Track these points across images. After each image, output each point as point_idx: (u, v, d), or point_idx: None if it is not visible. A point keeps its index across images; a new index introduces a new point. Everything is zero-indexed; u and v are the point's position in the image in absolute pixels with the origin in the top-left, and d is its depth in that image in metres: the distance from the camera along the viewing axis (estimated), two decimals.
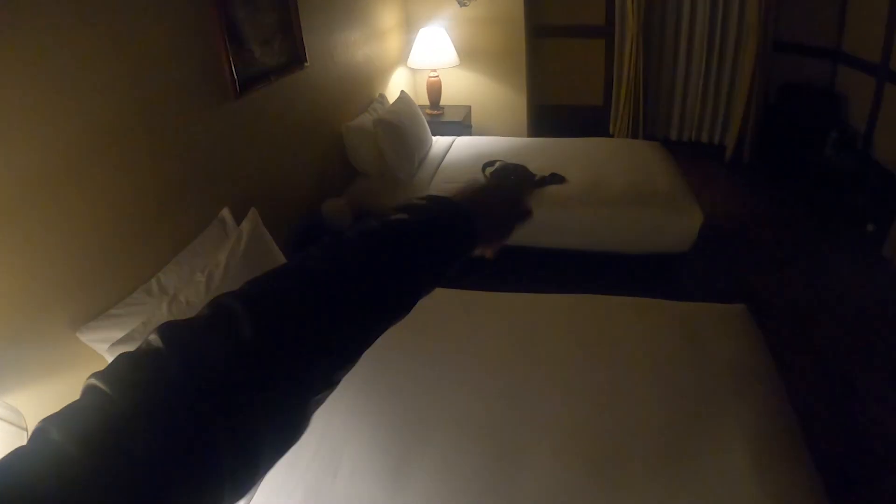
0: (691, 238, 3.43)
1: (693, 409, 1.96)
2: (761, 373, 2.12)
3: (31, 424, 1.66)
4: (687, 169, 5.47)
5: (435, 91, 5.13)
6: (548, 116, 6.11)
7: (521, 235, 3.08)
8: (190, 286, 1.97)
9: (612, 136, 6.01)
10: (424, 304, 2.27)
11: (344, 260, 0.67)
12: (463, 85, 5.53)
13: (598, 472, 1.75)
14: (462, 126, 5.04)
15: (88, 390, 0.48)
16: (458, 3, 5.29)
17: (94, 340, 1.83)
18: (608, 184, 3.68)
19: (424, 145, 4.25)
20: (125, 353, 0.52)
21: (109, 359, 1.76)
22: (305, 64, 3.27)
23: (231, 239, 2.19)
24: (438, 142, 4.55)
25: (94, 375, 0.49)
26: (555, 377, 2.12)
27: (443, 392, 2.06)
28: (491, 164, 3.81)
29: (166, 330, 0.53)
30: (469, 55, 5.39)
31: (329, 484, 1.76)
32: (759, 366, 2.16)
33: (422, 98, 5.35)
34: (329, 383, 0.60)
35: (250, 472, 0.50)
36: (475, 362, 2.20)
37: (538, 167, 3.85)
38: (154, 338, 0.52)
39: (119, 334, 1.79)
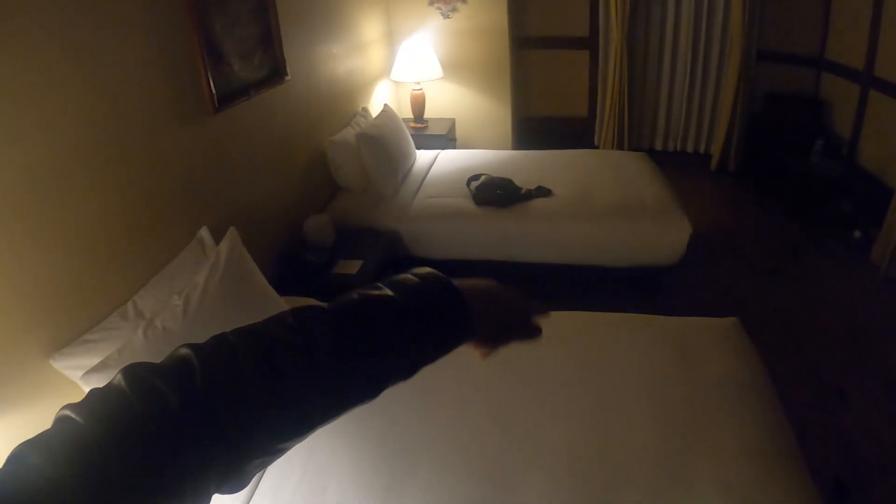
0: (680, 251, 3.43)
1: (689, 427, 1.93)
2: (756, 387, 2.10)
3: (3, 452, 1.60)
4: (673, 179, 5.50)
5: (419, 104, 5.11)
6: (533, 128, 6.12)
7: (507, 251, 3.05)
8: (167, 310, 1.92)
9: (597, 147, 6.04)
10: None
11: (313, 334, 0.64)
12: (447, 97, 5.52)
13: (594, 497, 1.72)
14: (446, 139, 5.02)
15: (61, 419, 0.53)
16: (442, 14, 5.29)
17: (67, 367, 1.77)
18: (595, 197, 3.67)
19: (408, 159, 4.22)
20: (96, 388, 0.56)
21: (84, 386, 1.71)
22: (286, 78, 3.23)
23: (209, 260, 2.14)
24: (422, 156, 4.53)
25: (67, 407, 0.54)
26: (545, 398, 2.09)
27: (430, 414, 2.03)
28: (476, 177, 3.79)
29: (129, 373, 0.56)
30: (453, 67, 5.38)
31: None
32: (754, 380, 2.14)
33: (406, 111, 5.33)
34: (271, 452, 0.61)
35: (202, 498, 0.54)
36: (463, 383, 2.15)
37: (524, 180, 3.83)
38: (119, 378, 0.56)
39: (93, 361, 1.73)
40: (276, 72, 3.16)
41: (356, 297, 0.69)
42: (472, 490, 1.75)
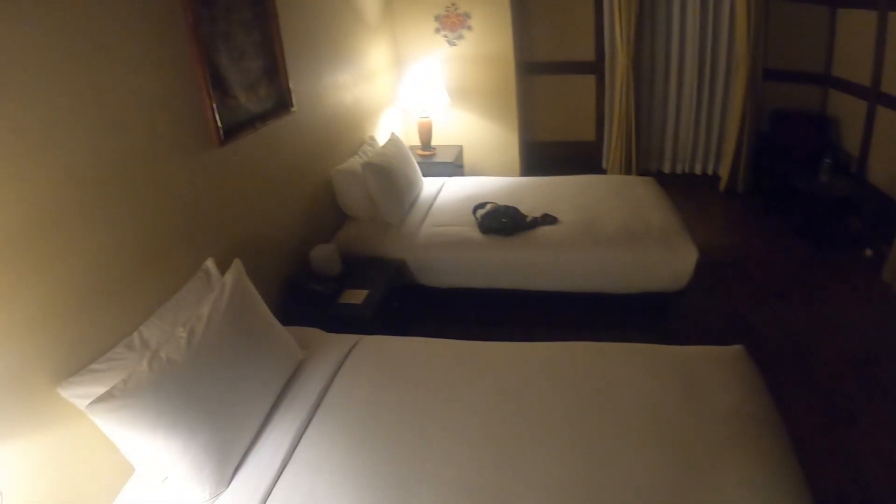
0: (686, 275, 3.44)
1: (693, 461, 1.92)
2: (761, 418, 2.09)
3: (9, 480, 1.66)
4: (682, 201, 5.52)
5: (426, 132, 5.20)
6: (541, 153, 6.22)
7: (513, 279, 3.11)
8: (171, 341, 1.97)
9: (605, 171, 6.12)
10: (413, 355, 2.28)
11: None
12: (454, 124, 5.63)
13: None
14: (453, 166, 5.10)
15: None
16: (448, 42, 5.41)
17: (74, 396, 1.83)
18: (601, 223, 3.71)
19: (415, 188, 4.29)
20: None
21: (90, 415, 1.76)
22: (292, 109, 3.32)
23: (214, 291, 2.20)
24: (430, 183, 4.60)
25: None
26: (545, 430, 2.09)
27: (430, 446, 2.04)
28: (482, 206, 3.85)
29: None
30: (460, 94, 5.49)
31: None
32: (760, 410, 2.13)
33: (414, 138, 5.42)
34: None
35: None
36: (463, 415, 2.18)
37: (530, 207, 3.89)
38: None
39: (99, 390, 1.79)
40: (282, 103, 3.26)
41: None
42: None
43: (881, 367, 3.31)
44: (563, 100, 6.18)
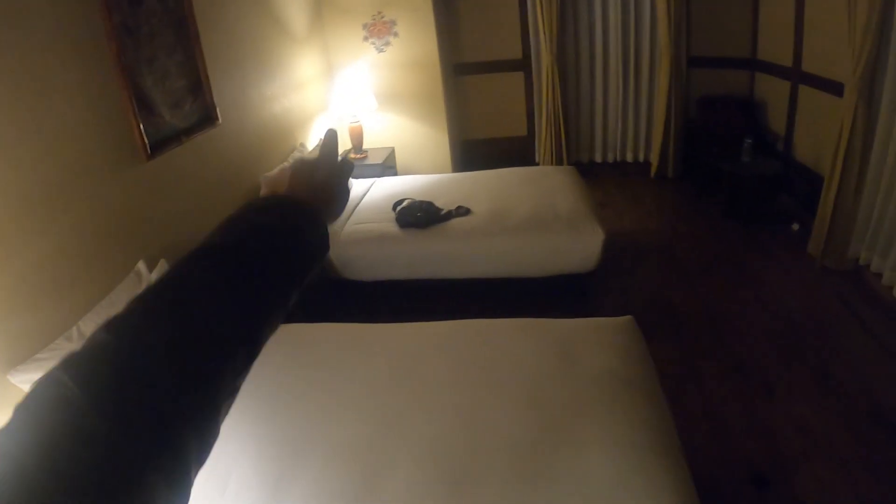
0: (595, 257, 3.80)
1: (558, 420, 2.11)
2: (638, 384, 2.26)
3: None
4: (614, 189, 5.94)
5: (357, 136, 5.60)
6: (476, 151, 6.61)
7: (431, 269, 3.44)
8: None
9: (537, 164, 6.49)
10: (315, 339, 2.59)
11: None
12: (385, 127, 6.03)
13: (456, 490, 1.92)
14: (384, 167, 5.49)
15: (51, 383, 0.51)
16: (376, 49, 5.80)
17: (21, 382, 2.21)
18: (512, 212, 4.07)
19: None
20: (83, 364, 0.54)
21: None
22: (217, 122, 3.69)
23: (141, 289, 2.58)
24: (359, 184, 4.94)
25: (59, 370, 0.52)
26: (423, 400, 2.32)
27: (325, 417, 2.31)
28: (400, 202, 4.23)
29: (113, 324, 0.57)
30: (390, 98, 5.89)
31: (217, 500, 2.01)
32: (636, 376, 2.30)
33: (346, 144, 5.78)
34: (232, 391, 0.63)
35: (184, 479, 0.53)
36: (358, 389, 2.43)
37: (449, 201, 4.28)
38: (102, 333, 0.55)
39: None
40: (206, 117, 3.63)
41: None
42: (349, 486, 1.99)
43: (800, 338, 3.52)
44: (494, 98, 6.57)
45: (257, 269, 0.68)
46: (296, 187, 0.80)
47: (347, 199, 0.88)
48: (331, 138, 0.90)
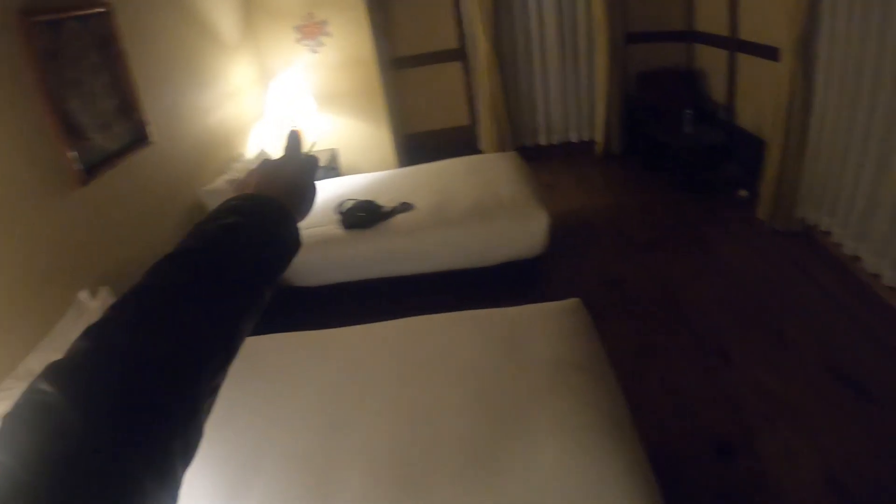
0: (541, 240, 3.87)
1: (507, 411, 2.13)
2: (587, 367, 2.29)
3: None
4: (561, 170, 6.01)
5: None
6: (420, 143, 6.62)
7: (379, 269, 3.45)
8: None
9: (481, 152, 6.51)
10: (265, 349, 2.59)
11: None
12: (326, 129, 6.00)
13: (405, 485, 1.95)
14: (327, 169, 5.49)
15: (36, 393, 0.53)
16: (310, 50, 5.77)
17: None
18: (453, 204, 4.11)
19: None
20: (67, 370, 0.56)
21: None
22: (150, 141, 3.66)
23: (84, 320, 2.57)
24: None
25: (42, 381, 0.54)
26: (373, 403, 2.34)
27: (274, 425, 2.33)
28: (343, 203, 4.23)
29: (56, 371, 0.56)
30: (328, 98, 5.88)
31: None
32: (586, 360, 2.33)
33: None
34: (212, 391, 0.66)
35: (170, 478, 0.55)
36: (305, 395, 2.46)
37: (393, 198, 4.29)
38: (45, 386, 0.54)
39: None
40: (138, 137, 3.60)
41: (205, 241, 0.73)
42: (302, 491, 2.02)
43: (753, 302, 3.58)
44: (433, 90, 6.60)
45: (231, 268, 0.70)
46: (263, 187, 0.82)
47: (315, 195, 0.91)
48: (294, 137, 0.94)
